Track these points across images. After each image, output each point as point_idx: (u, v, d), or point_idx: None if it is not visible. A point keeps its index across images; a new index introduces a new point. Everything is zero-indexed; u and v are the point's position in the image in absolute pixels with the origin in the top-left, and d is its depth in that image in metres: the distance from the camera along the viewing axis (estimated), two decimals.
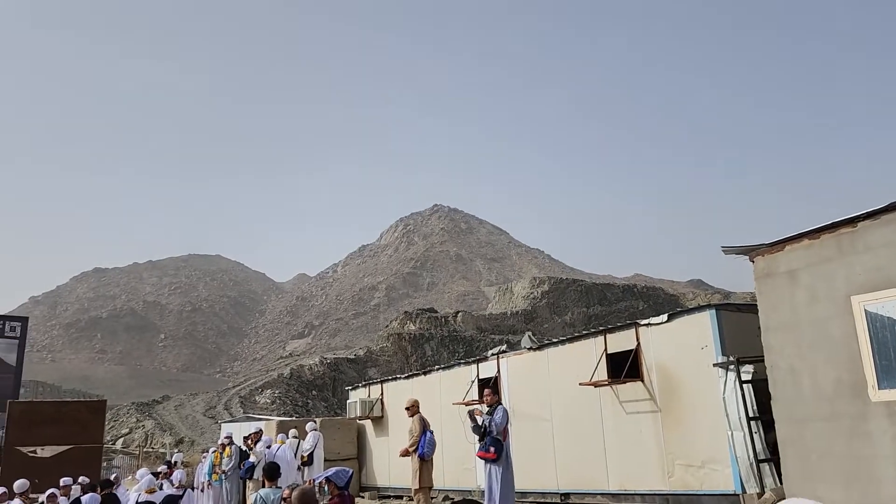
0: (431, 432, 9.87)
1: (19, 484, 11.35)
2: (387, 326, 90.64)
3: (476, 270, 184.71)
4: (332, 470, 6.35)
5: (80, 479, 12.56)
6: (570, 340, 11.66)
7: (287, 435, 14.14)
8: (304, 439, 14.15)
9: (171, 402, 59.38)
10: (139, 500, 8.19)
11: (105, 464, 26.93)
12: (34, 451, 15.57)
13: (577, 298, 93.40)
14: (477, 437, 8.69)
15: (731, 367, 8.43)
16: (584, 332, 12.01)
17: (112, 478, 11.24)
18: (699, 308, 9.51)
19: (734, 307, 9.60)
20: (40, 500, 11.16)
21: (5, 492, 12.58)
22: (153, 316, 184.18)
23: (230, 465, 14.42)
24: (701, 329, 9.07)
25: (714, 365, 8.68)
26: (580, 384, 10.47)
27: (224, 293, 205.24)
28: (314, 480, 11.35)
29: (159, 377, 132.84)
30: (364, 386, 18.13)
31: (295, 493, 5.10)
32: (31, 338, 31.47)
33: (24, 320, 32.80)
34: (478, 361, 13.72)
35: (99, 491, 9.54)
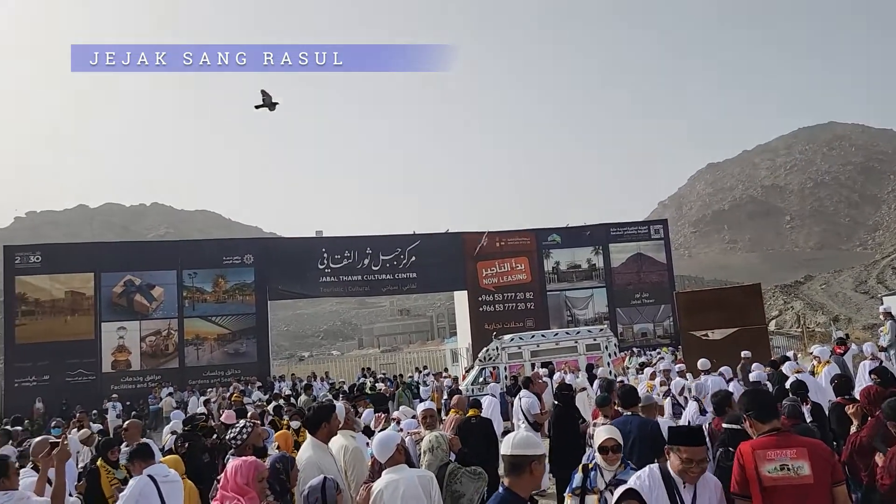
0: None
1: (703, 362, 11.15)
2: None
3: None
4: None
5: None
6: None
7: None
8: None
9: (814, 282, 57.86)
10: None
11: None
12: (706, 335, 17.09)
13: None
14: None
15: None
16: None
17: (789, 354, 11.69)
18: None
19: None
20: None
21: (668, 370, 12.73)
22: (774, 199, 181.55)
23: (889, 340, 13.53)
24: None
25: None
26: None
27: (847, 160, 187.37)
28: None
29: (793, 259, 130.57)
30: None
31: None
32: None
33: (664, 223, 36.56)
34: None
35: (777, 366, 10.06)
